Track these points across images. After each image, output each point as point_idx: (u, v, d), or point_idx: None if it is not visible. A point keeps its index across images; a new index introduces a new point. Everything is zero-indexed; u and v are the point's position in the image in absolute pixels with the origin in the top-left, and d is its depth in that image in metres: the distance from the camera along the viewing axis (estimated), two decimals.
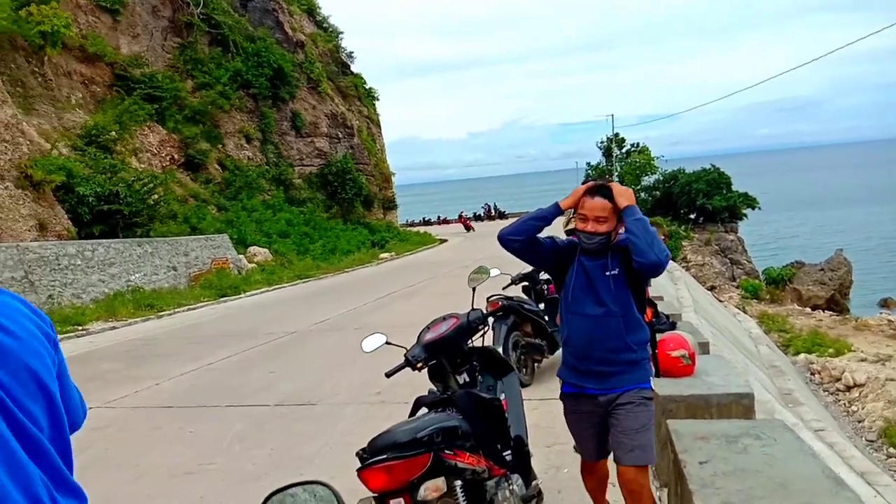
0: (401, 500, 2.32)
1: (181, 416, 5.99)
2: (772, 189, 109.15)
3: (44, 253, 14.57)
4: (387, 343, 3.32)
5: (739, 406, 3.57)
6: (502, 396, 3.22)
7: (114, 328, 12.72)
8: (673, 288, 19.13)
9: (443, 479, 2.44)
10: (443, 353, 3.23)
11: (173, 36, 27.13)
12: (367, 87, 40.04)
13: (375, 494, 2.38)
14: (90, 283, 15.24)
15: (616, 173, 49.19)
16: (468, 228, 43.11)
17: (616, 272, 2.97)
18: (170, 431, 5.66)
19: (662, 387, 3.74)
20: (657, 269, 2.89)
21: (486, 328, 3.70)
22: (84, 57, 22.70)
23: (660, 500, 3.70)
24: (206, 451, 5.24)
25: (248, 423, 5.88)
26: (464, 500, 2.59)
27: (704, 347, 5.14)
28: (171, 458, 5.08)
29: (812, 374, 16.29)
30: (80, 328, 12.48)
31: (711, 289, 33.96)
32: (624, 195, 2.96)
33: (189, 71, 26.98)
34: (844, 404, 13.81)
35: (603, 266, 2.99)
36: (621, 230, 2.99)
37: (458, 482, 2.57)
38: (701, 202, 46.57)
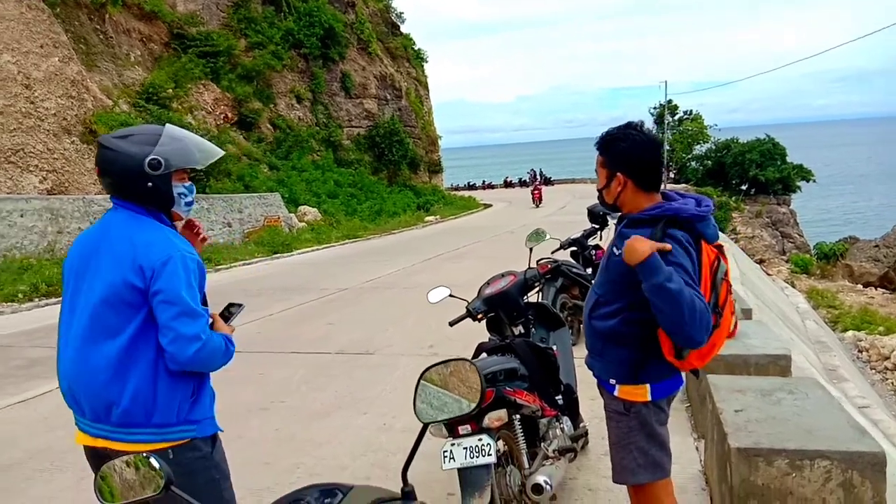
0: (468, 426, 2.65)
1: (250, 361, 6.46)
2: (836, 161, 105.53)
3: (108, 206, 15.13)
4: (450, 296, 3.65)
5: (776, 366, 3.80)
6: (554, 347, 3.52)
7: None
8: None
9: (504, 411, 2.77)
10: (501, 306, 3.56)
11: None
12: (416, 48, 39.98)
13: (446, 421, 2.72)
14: None
15: (667, 141, 48.34)
16: (537, 200, 32.00)
17: (616, 255, 2.33)
18: (241, 373, 6.11)
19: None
20: (695, 346, 2.22)
21: (541, 286, 4.00)
22: (142, 15, 23.28)
23: (697, 449, 3.99)
24: (277, 391, 5.71)
25: (312, 369, 6.33)
26: (521, 432, 2.92)
27: (747, 314, 5.35)
28: (245, 396, 5.54)
29: (860, 351, 16.15)
30: None
31: (760, 262, 33.51)
32: (630, 251, 2.17)
33: (242, 30, 27.39)
34: (893, 383, 13.73)
35: (618, 244, 2.38)
36: (648, 203, 2.34)
37: (517, 416, 2.91)
38: (753, 173, 45.63)
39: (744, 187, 47.45)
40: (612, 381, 2.42)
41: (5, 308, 10.48)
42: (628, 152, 2.31)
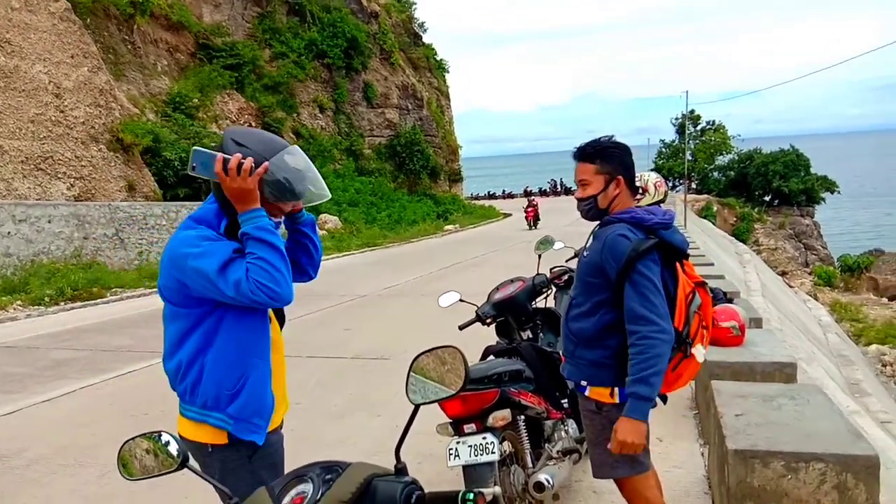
0: (472, 425, 2.75)
1: None
2: (868, 172, 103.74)
3: (133, 212, 15.60)
4: (460, 300, 3.75)
5: (782, 374, 3.84)
6: (561, 352, 3.59)
7: None
8: (741, 271, 18.95)
9: (508, 411, 2.86)
10: (510, 311, 3.66)
11: (253, 5, 27.98)
12: (438, 58, 40.27)
13: (451, 420, 2.82)
14: None
15: (689, 151, 48.09)
16: (532, 220, 26.95)
17: (585, 255, 2.54)
18: None
19: (710, 354, 4.04)
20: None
21: (549, 292, 4.09)
22: (169, 25, 23.75)
23: (703, 454, 4.03)
24: (293, 392, 5.73)
25: (328, 372, 6.46)
26: (525, 432, 3.01)
27: (757, 322, 5.38)
28: None
29: (884, 365, 15.96)
30: None
31: (783, 274, 33.19)
32: (624, 445, 2.31)
33: (267, 40, 27.82)
34: None
35: (589, 244, 2.57)
36: (633, 204, 2.52)
37: (521, 417, 2.99)
38: (777, 184, 45.22)
39: (767, 198, 47.03)
40: (584, 383, 2.54)
41: (32, 311, 10.76)
42: (622, 157, 2.51)
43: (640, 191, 4.23)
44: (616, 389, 2.45)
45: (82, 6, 18.53)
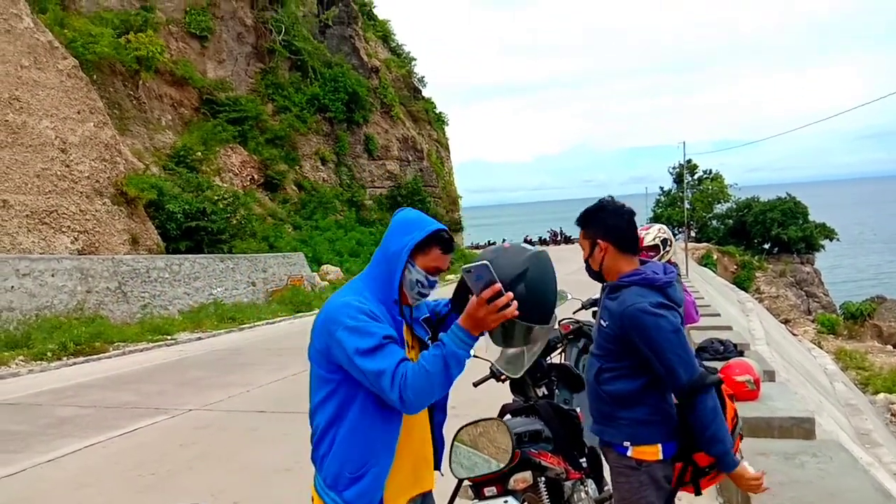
0: (493, 488, 2.70)
1: (274, 420, 6.53)
2: (866, 219, 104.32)
3: (136, 266, 15.62)
4: (473, 356, 3.72)
5: (800, 429, 3.79)
6: (578, 409, 3.56)
7: (199, 339, 13.52)
8: (744, 319, 18.88)
9: (529, 473, 2.81)
10: None
11: (256, 62, 28.60)
12: (437, 111, 40.97)
13: (472, 484, 2.77)
14: (176, 296, 16.23)
15: (687, 200, 48.53)
16: None
17: (604, 325, 2.54)
18: (265, 433, 6.18)
19: None
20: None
21: (563, 346, 4.07)
22: (174, 81, 24.24)
23: None
24: (300, 451, 5.67)
25: None
26: (546, 494, 2.95)
27: (771, 376, 5.34)
28: (268, 455, 5.59)
29: (892, 414, 15.75)
30: (168, 338, 13.33)
31: (785, 322, 33.07)
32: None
33: (270, 95, 28.33)
34: None
35: (603, 316, 2.59)
36: (634, 264, 2.53)
37: (542, 478, 2.94)
38: (776, 232, 45.50)
39: (766, 246, 47.25)
40: (626, 444, 2.50)
41: (35, 366, 10.68)
42: (605, 220, 2.55)
43: (648, 250, 4.24)
44: (662, 446, 2.45)
45: (89, 63, 18.93)
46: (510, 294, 1.80)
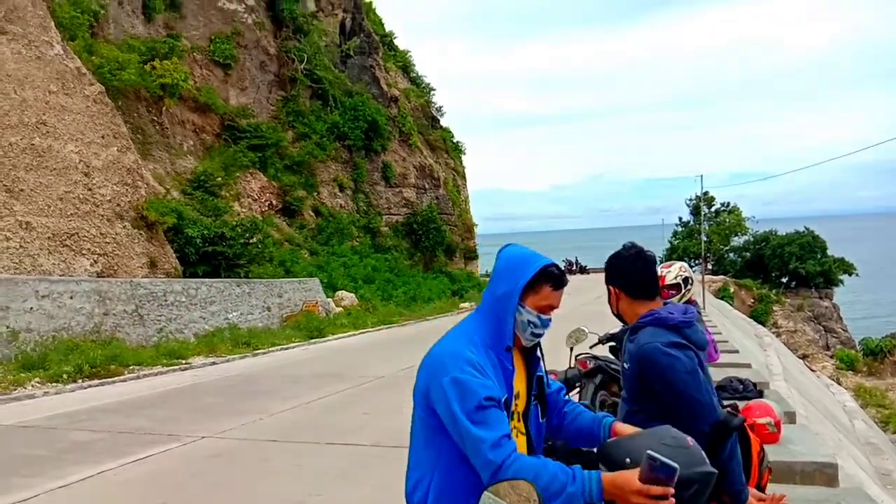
0: None
1: (286, 450, 6.50)
2: (883, 254, 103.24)
3: (153, 289, 15.73)
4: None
5: (823, 475, 3.72)
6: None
7: (213, 363, 13.54)
8: (762, 354, 18.61)
9: None
10: None
11: (278, 90, 29.04)
12: (455, 140, 41.27)
13: None
14: (192, 320, 16.30)
15: (704, 233, 48.37)
16: None
17: (627, 368, 2.57)
18: (277, 464, 6.15)
19: None
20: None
21: (581, 384, 4.04)
22: (196, 107, 24.64)
23: None
24: (312, 484, 5.70)
25: (348, 461, 6.32)
26: None
27: (791, 417, 5.25)
28: (281, 488, 5.55)
29: None
30: (183, 362, 13.36)
31: (803, 357, 32.59)
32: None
33: (290, 122, 28.70)
34: None
35: (626, 359, 2.64)
36: (650, 306, 2.54)
37: None
38: (794, 266, 45.08)
39: (784, 280, 46.79)
40: None
41: (50, 388, 10.73)
42: (615, 267, 2.61)
43: (669, 288, 4.23)
44: None
45: (115, 89, 19.29)
46: (670, 491, 1.65)
